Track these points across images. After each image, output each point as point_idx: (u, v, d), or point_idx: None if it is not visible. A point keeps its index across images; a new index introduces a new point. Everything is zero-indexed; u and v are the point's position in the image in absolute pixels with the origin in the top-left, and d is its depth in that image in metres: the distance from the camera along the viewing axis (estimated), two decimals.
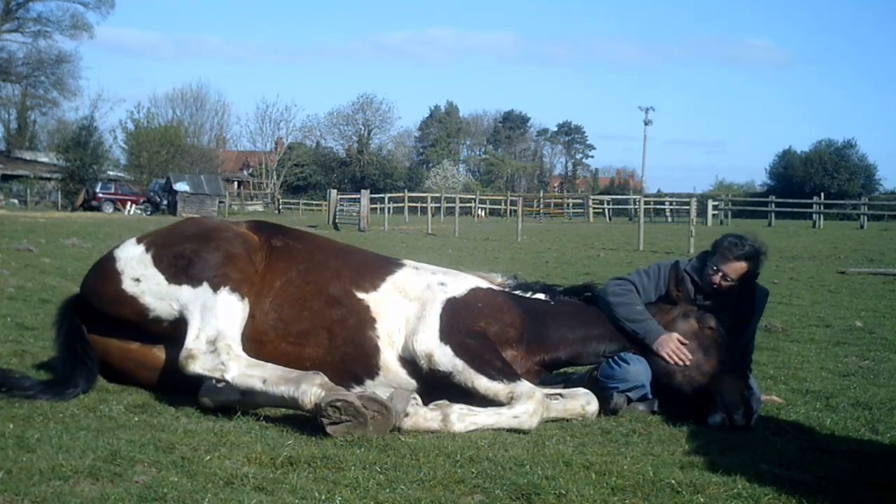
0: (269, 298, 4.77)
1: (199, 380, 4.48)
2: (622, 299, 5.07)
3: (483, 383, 4.56)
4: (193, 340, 4.45)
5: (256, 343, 4.65)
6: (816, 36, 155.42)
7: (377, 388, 4.69)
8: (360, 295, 4.90)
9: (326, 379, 4.32)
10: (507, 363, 4.70)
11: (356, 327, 4.79)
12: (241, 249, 4.80)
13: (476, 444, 4.09)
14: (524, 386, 4.55)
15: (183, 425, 4.26)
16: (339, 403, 4.09)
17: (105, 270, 4.91)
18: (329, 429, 4.09)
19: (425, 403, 4.50)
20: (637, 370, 4.86)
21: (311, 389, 4.21)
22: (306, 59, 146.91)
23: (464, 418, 4.36)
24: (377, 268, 5.14)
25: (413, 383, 4.77)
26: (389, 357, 4.78)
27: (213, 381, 4.44)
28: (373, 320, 4.82)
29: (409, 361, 4.77)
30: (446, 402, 4.45)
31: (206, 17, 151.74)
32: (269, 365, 4.43)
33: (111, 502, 3.14)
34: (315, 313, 4.79)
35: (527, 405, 4.45)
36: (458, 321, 4.79)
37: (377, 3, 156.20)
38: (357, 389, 4.64)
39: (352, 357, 4.74)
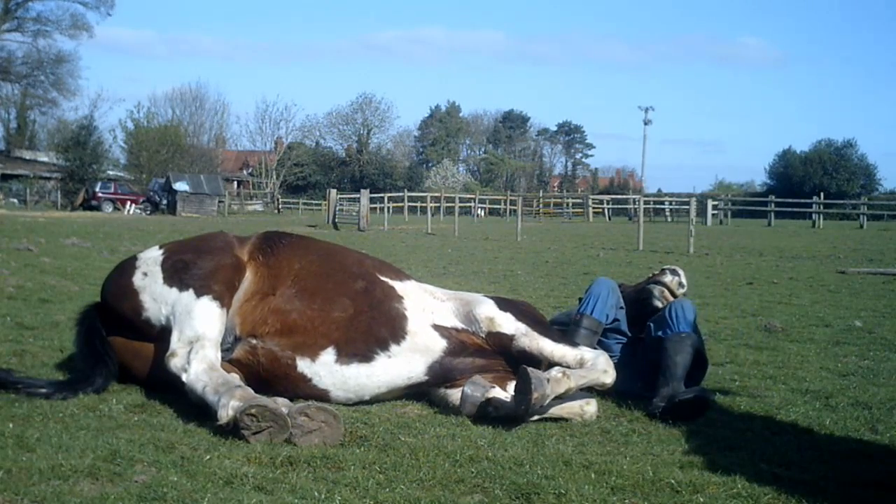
0: (291, 278, 4.89)
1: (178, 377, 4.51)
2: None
3: (549, 345, 4.77)
4: (176, 342, 4.57)
5: (282, 313, 4.73)
6: (808, 34, 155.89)
7: (403, 353, 4.75)
8: (384, 278, 5.05)
9: (250, 391, 4.23)
10: (562, 334, 4.93)
11: (381, 297, 4.90)
12: (231, 267, 4.87)
13: (476, 444, 4.08)
14: (587, 349, 4.80)
15: (183, 425, 4.25)
16: (253, 410, 3.96)
17: (124, 266, 5.17)
18: (251, 438, 3.97)
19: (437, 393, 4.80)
20: (599, 285, 5.30)
21: (231, 402, 4.07)
22: (301, 58, 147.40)
23: (573, 373, 4.52)
24: (401, 270, 5.39)
25: (443, 343, 4.83)
26: (418, 323, 4.83)
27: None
28: (399, 297, 4.95)
29: (442, 327, 4.87)
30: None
31: (197, 17, 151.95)
32: (220, 372, 4.39)
33: (111, 502, 3.14)
34: (339, 283, 4.91)
35: (605, 362, 4.66)
36: (507, 302, 5.07)
37: (361, 2, 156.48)
38: (381, 355, 4.71)
39: (378, 321, 4.79)
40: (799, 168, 73.24)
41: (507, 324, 4.84)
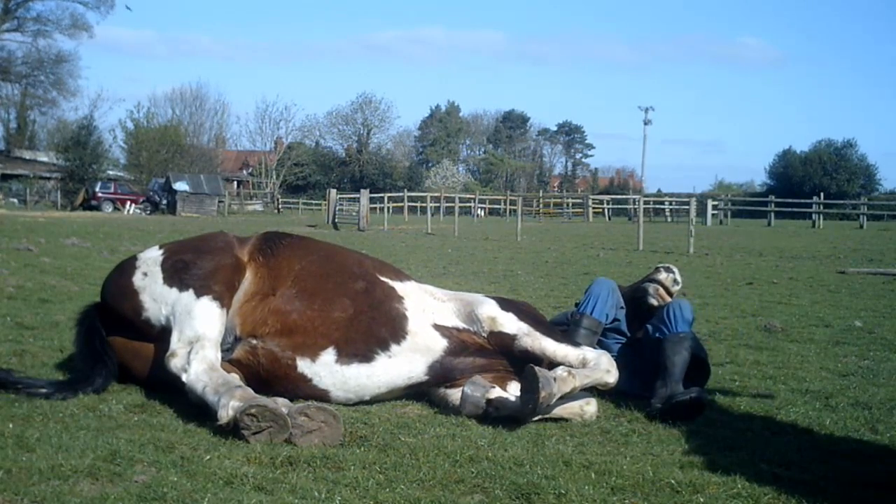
0: (291, 278, 4.89)
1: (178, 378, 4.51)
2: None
3: (551, 345, 4.76)
4: (177, 342, 4.57)
5: (282, 314, 4.74)
6: (808, 34, 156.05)
7: (403, 353, 4.75)
8: (384, 279, 5.06)
9: (250, 391, 4.24)
10: (564, 334, 4.93)
11: (382, 298, 4.90)
12: (231, 267, 4.87)
13: (476, 444, 4.08)
14: (589, 348, 4.80)
15: (183, 425, 4.25)
16: (253, 410, 3.95)
17: (124, 266, 5.16)
18: (251, 438, 3.96)
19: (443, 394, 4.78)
20: (599, 285, 5.34)
21: (231, 402, 4.08)
22: (301, 58, 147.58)
23: (578, 372, 4.51)
24: (401, 271, 5.38)
25: (444, 343, 4.83)
26: (418, 323, 4.83)
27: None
28: (400, 297, 4.95)
29: (442, 326, 4.87)
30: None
31: (197, 17, 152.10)
32: (220, 372, 4.39)
33: (111, 502, 3.14)
34: (339, 284, 4.92)
35: (608, 362, 4.66)
36: (508, 302, 5.07)
37: (361, 2, 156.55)
38: (381, 355, 4.71)
39: (379, 321, 4.79)
40: (799, 168, 73.26)
41: (510, 323, 4.84)
